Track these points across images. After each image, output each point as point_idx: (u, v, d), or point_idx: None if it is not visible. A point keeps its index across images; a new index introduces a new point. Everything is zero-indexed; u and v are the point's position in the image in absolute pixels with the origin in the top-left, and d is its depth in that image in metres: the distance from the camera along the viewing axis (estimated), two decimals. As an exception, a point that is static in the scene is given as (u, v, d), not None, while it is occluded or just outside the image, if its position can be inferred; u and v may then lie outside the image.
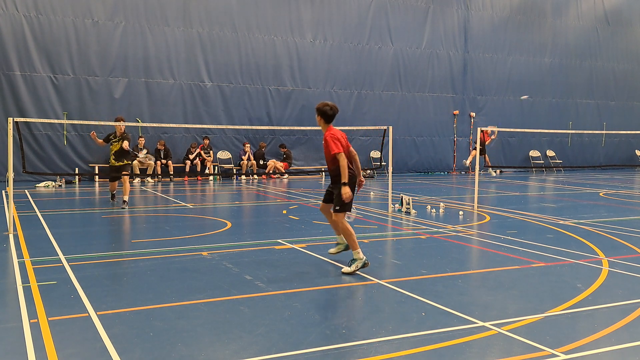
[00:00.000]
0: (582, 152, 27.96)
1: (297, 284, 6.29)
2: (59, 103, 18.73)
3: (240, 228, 10.43)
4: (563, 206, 13.57)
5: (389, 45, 23.69)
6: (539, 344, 4.48)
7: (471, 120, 25.35)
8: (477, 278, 6.77)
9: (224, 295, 5.85)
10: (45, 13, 18.44)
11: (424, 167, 24.80)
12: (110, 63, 19.31)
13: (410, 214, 11.63)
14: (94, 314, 5.16)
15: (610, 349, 4.48)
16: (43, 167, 18.46)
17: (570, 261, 7.46)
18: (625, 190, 17.79)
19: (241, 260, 7.42)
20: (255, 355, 4.25)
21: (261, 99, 21.56)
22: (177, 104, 20.25)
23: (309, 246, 8.21)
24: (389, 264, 7.51)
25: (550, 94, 26.97)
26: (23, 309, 5.27)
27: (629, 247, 8.49)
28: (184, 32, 20.26)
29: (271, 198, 15.18)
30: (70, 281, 6.26)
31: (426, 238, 9.14)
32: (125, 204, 12.55)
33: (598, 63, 28.01)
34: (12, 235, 8.88)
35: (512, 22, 26.01)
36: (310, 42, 22.30)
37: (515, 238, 9.11)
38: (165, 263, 7.27)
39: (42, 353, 4.25)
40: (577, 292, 5.99)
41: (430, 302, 5.60)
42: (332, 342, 4.58)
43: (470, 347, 4.49)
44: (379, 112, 23.39)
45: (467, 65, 25.27)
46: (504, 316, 5.19)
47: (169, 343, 4.50)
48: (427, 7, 24.29)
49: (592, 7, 27.74)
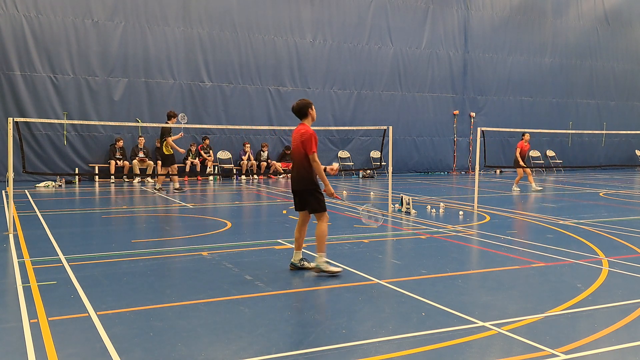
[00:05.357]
0: (582, 152, 27.95)
1: (297, 284, 6.29)
2: (59, 103, 18.73)
3: (240, 228, 10.43)
4: (563, 206, 13.57)
5: (388, 46, 23.69)
6: (539, 344, 4.48)
7: (471, 120, 25.35)
8: (477, 278, 6.77)
9: (224, 295, 5.85)
10: (45, 13, 18.44)
11: (424, 167, 24.80)
12: (110, 63, 19.32)
13: (410, 214, 11.63)
14: (94, 314, 5.15)
15: (610, 349, 4.47)
16: (43, 167, 18.46)
17: (570, 261, 7.46)
18: (625, 190, 17.79)
19: (241, 260, 7.42)
20: (255, 355, 4.25)
21: (261, 99, 21.57)
22: (177, 104, 20.24)
23: (309, 246, 8.20)
24: (389, 264, 7.51)
25: (550, 94, 26.97)
26: (23, 309, 5.27)
27: (629, 247, 8.48)
28: (184, 32, 20.26)
29: (271, 198, 15.18)
30: (70, 281, 6.26)
31: (426, 238, 9.13)
32: (179, 189, 15.54)
33: (598, 63, 28.02)
34: (12, 235, 8.88)
35: (512, 22, 26.01)
36: (310, 42, 22.31)
37: (515, 238, 9.11)
38: (165, 263, 7.27)
39: (42, 353, 4.25)
40: (577, 292, 5.99)
41: (430, 302, 5.60)
42: (332, 342, 4.58)
43: (470, 347, 4.49)
44: (379, 112, 23.40)
45: (467, 65, 25.27)
46: (504, 316, 5.19)
47: (169, 343, 4.50)
48: (427, 7, 24.29)
49: (592, 7, 27.74)
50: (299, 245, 6.87)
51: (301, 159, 6.66)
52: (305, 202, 6.75)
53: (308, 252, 7.26)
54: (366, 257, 7.70)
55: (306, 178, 6.66)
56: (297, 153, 6.71)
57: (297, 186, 6.79)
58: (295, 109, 6.82)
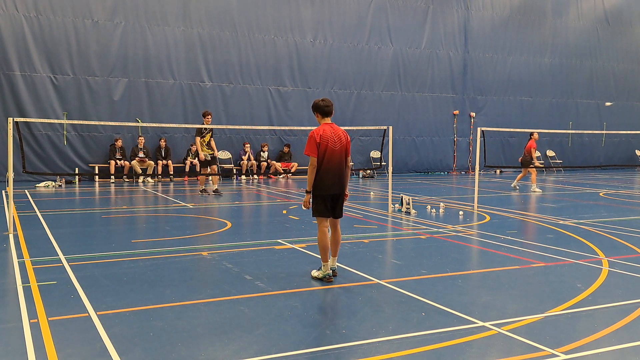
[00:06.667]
0: (582, 152, 27.95)
1: (297, 284, 6.29)
2: (59, 103, 18.73)
3: (240, 228, 10.43)
4: (563, 206, 13.57)
5: (388, 46, 23.69)
6: (539, 344, 4.48)
7: (471, 120, 25.34)
8: (477, 278, 6.76)
9: (224, 295, 5.85)
10: (45, 13, 18.44)
11: (424, 167, 24.80)
12: (110, 63, 19.31)
13: (410, 214, 11.63)
14: (94, 314, 5.15)
15: (610, 349, 4.47)
16: (43, 167, 18.45)
17: (570, 261, 7.46)
18: (625, 190, 17.79)
19: (241, 260, 7.42)
20: (255, 355, 4.25)
21: (261, 99, 21.57)
22: (177, 104, 20.25)
23: (309, 246, 8.21)
24: (389, 264, 7.51)
25: (550, 94, 26.97)
26: (23, 309, 5.27)
27: (629, 247, 8.48)
28: (184, 32, 20.26)
29: (271, 198, 15.18)
30: (70, 281, 6.26)
31: (426, 238, 9.13)
32: (218, 192, 14.98)
33: (598, 63, 28.01)
34: (12, 235, 8.88)
35: (512, 22, 26.01)
36: (310, 42, 22.31)
37: (515, 238, 9.11)
38: (165, 263, 7.27)
39: (42, 353, 4.25)
40: (577, 292, 5.99)
41: (430, 302, 5.60)
42: (332, 342, 4.58)
43: (470, 347, 4.49)
44: (379, 112, 23.39)
45: (467, 65, 25.27)
46: (504, 316, 5.19)
47: (169, 343, 4.50)
48: (427, 7, 24.29)
49: (592, 7, 27.74)
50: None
51: (343, 160, 6.53)
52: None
53: (307, 252, 7.26)
54: (366, 257, 7.70)
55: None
56: (342, 154, 6.51)
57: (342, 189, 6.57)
58: (332, 105, 6.64)
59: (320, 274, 6.42)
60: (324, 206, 6.46)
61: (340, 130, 6.64)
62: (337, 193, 6.50)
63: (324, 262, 6.42)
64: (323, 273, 6.40)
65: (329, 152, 6.41)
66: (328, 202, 6.46)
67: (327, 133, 6.45)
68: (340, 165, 6.50)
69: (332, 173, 6.43)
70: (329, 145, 6.41)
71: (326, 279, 6.35)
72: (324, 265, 6.42)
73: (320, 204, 6.46)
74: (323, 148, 6.39)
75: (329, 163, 6.41)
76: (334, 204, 6.51)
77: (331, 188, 6.44)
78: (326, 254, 6.42)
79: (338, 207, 6.56)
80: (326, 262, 6.42)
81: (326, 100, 6.63)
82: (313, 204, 6.52)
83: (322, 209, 6.47)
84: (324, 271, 6.41)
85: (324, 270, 6.41)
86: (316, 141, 6.38)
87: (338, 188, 6.49)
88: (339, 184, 6.50)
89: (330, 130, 6.48)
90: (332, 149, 6.43)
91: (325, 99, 6.65)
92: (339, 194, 6.52)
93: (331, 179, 6.43)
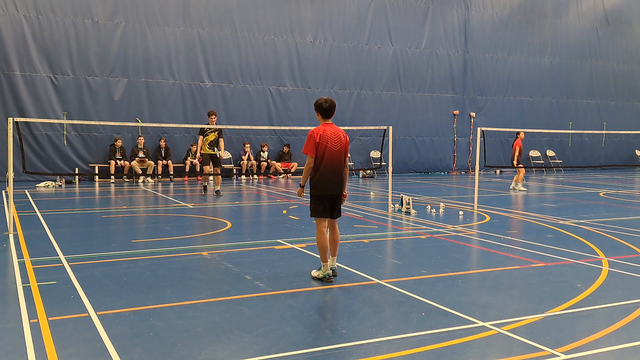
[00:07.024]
0: (582, 152, 27.95)
1: (297, 284, 6.29)
2: (59, 103, 18.73)
3: (240, 228, 10.43)
4: (563, 206, 13.57)
5: (388, 46, 23.69)
6: (539, 344, 4.48)
7: (471, 120, 25.35)
8: (477, 278, 6.76)
9: (224, 295, 5.85)
10: (45, 13, 18.44)
11: (424, 167, 24.80)
12: (110, 63, 19.31)
13: (410, 214, 11.63)
14: (94, 314, 5.15)
15: (610, 349, 4.47)
16: (43, 167, 18.46)
17: (570, 261, 7.46)
18: (625, 190, 17.79)
19: (241, 260, 7.42)
20: (255, 355, 4.25)
21: (261, 98, 21.57)
22: (177, 104, 20.25)
23: (309, 246, 8.20)
24: (389, 264, 7.51)
25: (550, 94, 26.97)
26: (23, 309, 5.27)
27: (629, 247, 8.48)
28: (184, 32, 20.26)
29: (271, 198, 15.18)
30: (70, 281, 6.26)
31: (426, 238, 9.13)
32: (218, 193, 14.72)
33: (598, 63, 28.02)
34: (12, 235, 8.87)
35: (512, 22, 26.01)
36: (310, 42, 22.31)
37: (515, 238, 9.11)
38: (165, 263, 7.26)
39: (42, 353, 4.25)
40: (577, 292, 5.99)
41: (430, 302, 5.60)
42: (332, 342, 4.58)
43: (470, 347, 4.49)
44: (379, 112, 23.39)
45: (467, 65, 25.27)
46: (504, 316, 5.19)
47: (169, 343, 4.50)
48: (427, 7, 24.29)
49: (592, 7, 27.74)
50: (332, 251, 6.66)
51: (342, 161, 6.52)
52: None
53: (307, 252, 7.26)
54: (366, 257, 7.70)
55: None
56: (341, 154, 6.49)
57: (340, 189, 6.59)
58: (334, 107, 6.58)
59: (320, 274, 6.42)
60: (322, 206, 6.47)
61: (340, 130, 6.63)
62: (335, 193, 6.51)
63: (324, 262, 6.43)
64: (323, 273, 6.40)
65: (329, 152, 6.41)
66: (326, 202, 6.46)
67: (327, 133, 6.45)
68: (339, 166, 6.51)
69: (331, 173, 6.44)
70: (329, 146, 6.41)
71: (326, 279, 6.36)
72: (324, 265, 6.42)
73: (319, 205, 6.47)
74: (322, 148, 6.40)
75: (328, 163, 6.41)
76: (332, 204, 6.52)
77: (330, 188, 6.46)
78: (325, 254, 6.43)
79: (336, 208, 6.57)
80: (326, 262, 6.43)
81: (329, 102, 6.55)
82: (311, 204, 6.54)
83: (321, 210, 6.48)
84: (323, 271, 6.41)
85: (323, 270, 6.41)
86: (315, 140, 6.39)
87: (337, 188, 6.51)
88: (338, 185, 6.51)
89: (330, 130, 6.49)
90: (332, 149, 6.43)
91: (329, 100, 6.58)
92: (337, 194, 6.54)
93: (330, 179, 6.44)
